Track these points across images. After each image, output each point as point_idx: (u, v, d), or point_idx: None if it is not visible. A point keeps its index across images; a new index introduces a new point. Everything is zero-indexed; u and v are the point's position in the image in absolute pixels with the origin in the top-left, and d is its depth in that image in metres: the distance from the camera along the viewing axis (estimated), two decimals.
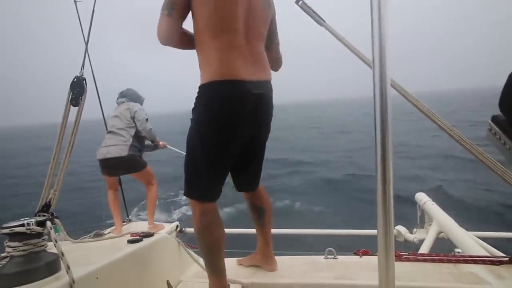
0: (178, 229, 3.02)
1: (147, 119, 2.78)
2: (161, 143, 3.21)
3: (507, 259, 1.54)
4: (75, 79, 1.36)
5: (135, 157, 2.69)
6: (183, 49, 1.36)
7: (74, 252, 1.20)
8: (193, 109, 1.31)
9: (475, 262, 1.55)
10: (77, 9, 2.42)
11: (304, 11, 1.78)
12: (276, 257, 1.68)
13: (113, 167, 2.70)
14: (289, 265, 1.67)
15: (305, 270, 1.61)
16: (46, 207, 1.21)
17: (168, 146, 3.30)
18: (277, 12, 1.53)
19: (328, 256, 1.74)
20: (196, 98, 1.31)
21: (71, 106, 1.37)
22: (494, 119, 0.67)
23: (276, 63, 1.60)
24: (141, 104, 3.00)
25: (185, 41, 1.33)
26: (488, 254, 1.79)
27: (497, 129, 0.67)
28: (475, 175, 7.79)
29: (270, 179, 9.41)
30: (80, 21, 2.32)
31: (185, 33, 1.32)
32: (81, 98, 1.37)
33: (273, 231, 1.70)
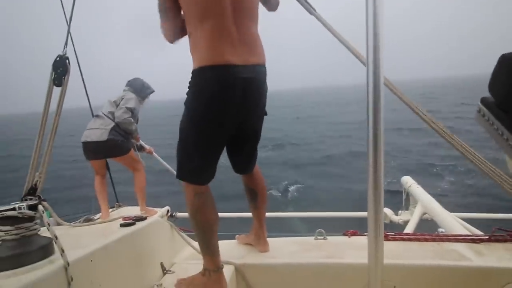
0: (169, 213, 3.03)
1: (128, 109, 2.67)
2: (147, 147, 3.12)
3: (487, 237, 1.62)
4: (58, 58, 1.31)
5: (115, 141, 2.62)
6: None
7: (65, 236, 1.19)
8: (186, 94, 1.33)
9: (457, 240, 1.63)
10: None
11: None
12: (268, 239, 1.72)
13: (93, 151, 2.65)
14: (280, 246, 1.72)
15: (296, 250, 1.66)
16: (32, 191, 1.20)
17: (154, 154, 3.17)
18: None
19: (318, 237, 1.79)
20: (188, 83, 1.32)
21: (54, 86, 1.32)
22: (483, 100, 0.69)
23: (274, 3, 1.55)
24: (146, 95, 2.90)
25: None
26: (469, 233, 1.88)
27: (486, 110, 0.69)
28: None
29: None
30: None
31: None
32: (64, 78, 1.32)
33: (267, 214, 1.74)
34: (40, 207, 1.10)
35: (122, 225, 1.54)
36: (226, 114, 1.30)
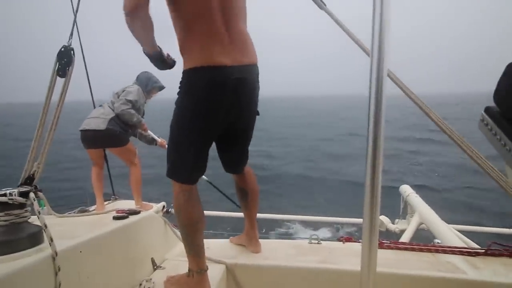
0: (165, 209, 3.02)
1: (127, 101, 2.64)
2: (159, 140, 3.12)
3: (483, 251, 1.60)
4: (63, 49, 1.30)
5: (113, 132, 2.60)
6: (141, 28, 1.20)
7: (58, 226, 1.18)
8: (177, 94, 1.33)
9: (452, 252, 1.61)
10: None
11: None
12: (260, 240, 1.71)
13: (90, 139, 2.63)
14: (273, 248, 1.70)
15: (289, 253, 1.64)
16: (29, 180, 1.18)
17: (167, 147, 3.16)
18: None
19: (312, 241, 1.77)
20: (179, 83, 1.31)
21: (58, 77, 1.31)
22: (487, 110, 0.68)
23: None
24: (152, 89, 2.89)
25: (149, 23, 1.19)
26: (465, 246, 1.86)
27: (489, 120, 0.68)
28: None
29: None
30: None
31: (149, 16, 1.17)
32: (68, 69, 1.31)
33: (259, 215, 1.72)
34: (31, 194, 1.08)
35: (115, 218, 1.53)
36: (216, 114, 1.30)
